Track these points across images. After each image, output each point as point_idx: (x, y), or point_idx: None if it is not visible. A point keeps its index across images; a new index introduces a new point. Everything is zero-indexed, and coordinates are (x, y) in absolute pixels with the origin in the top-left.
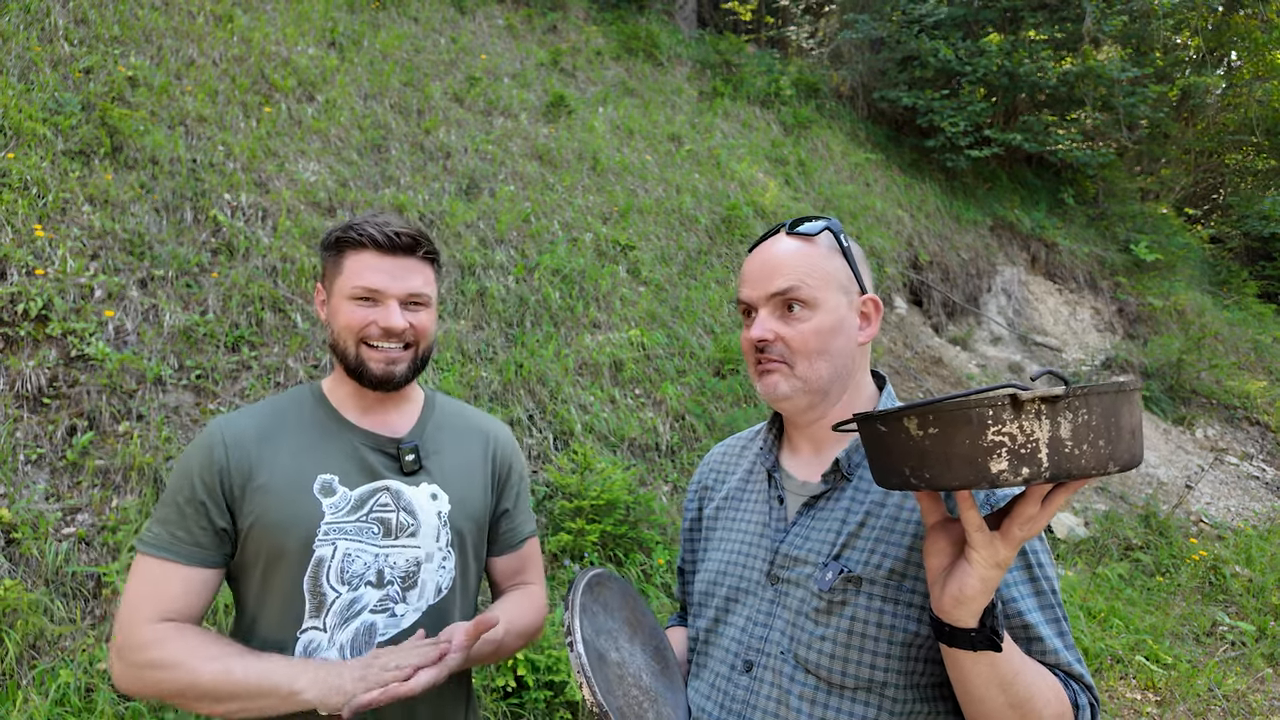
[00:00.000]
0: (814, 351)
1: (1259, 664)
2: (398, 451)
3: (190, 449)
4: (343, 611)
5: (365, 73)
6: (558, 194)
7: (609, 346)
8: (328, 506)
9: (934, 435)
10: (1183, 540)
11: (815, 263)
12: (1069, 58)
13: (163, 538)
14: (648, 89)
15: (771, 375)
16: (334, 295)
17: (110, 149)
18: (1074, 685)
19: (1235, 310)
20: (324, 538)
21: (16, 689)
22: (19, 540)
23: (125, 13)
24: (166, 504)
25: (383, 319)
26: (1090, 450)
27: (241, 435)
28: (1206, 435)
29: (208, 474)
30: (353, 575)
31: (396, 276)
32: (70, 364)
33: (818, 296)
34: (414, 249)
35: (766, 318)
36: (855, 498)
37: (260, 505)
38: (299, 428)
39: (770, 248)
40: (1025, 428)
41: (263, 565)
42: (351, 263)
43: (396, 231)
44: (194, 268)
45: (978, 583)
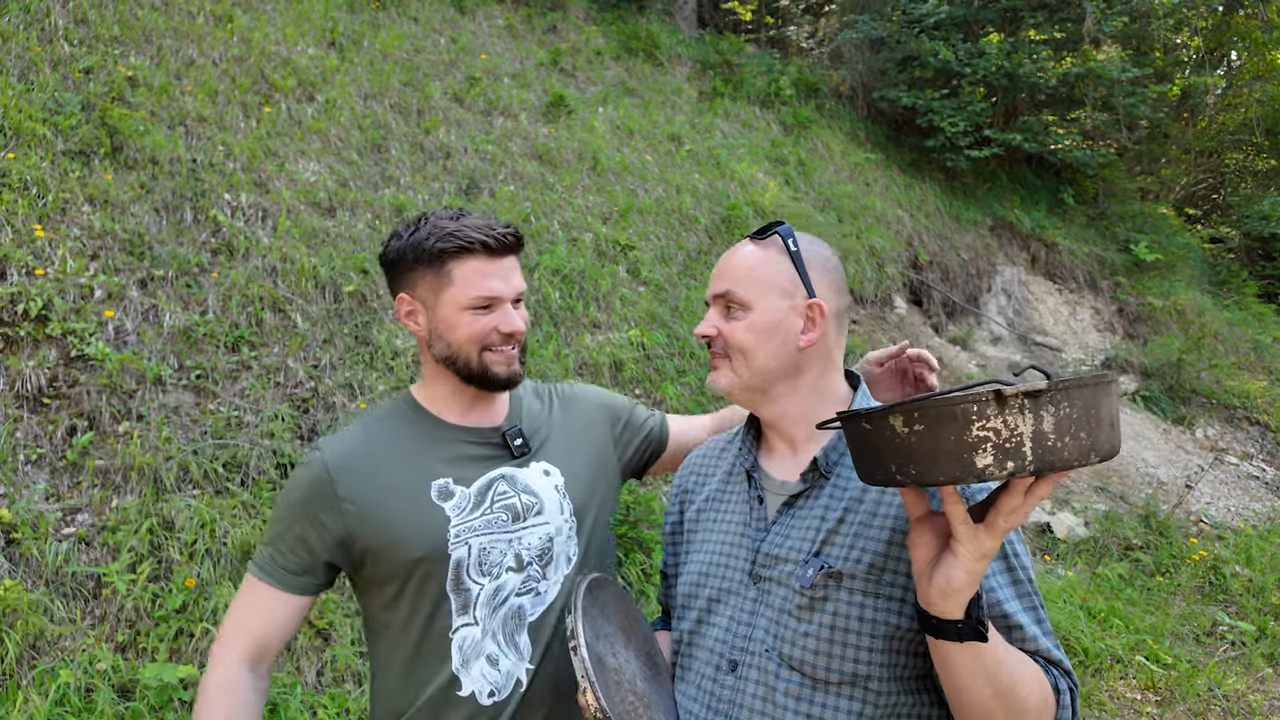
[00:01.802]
0: (746, 349)
1: (1259, 664)
2: (504, 439)
3: (299, 471)
4: (489, 601)
5: (365, 73)
6: (557, 194)
7: (609, 346)
8: (450, 509)
9: (919, 432)
10: (1183, 540)
11: (756, 266)
12: (1069, 58)
13: (263, 560)
14: (648, 89)
15: (714, 370)
16: (443, 306)
17: (110, 149)
18: (1054, 671)
19: (1235, 310)
20: (456, 540)
21: (16, 689)
22: (19, 540)
23: (125, 13)
24: (276, 526)
25: (504, 324)
26: (1072, 442)
27: (347, 460)
28: (1206, 435)
29: (314, 506)
30: (492, 565)
31: (507, 278)
32: (70, 364)
33: (750, 299)
34: (518, 247)
35: (713, 315)
36: (834, 495)
37: (381, 526)
38: (402, 440)
39: (731, 250)
40: (1009, 423)
41: (399, 581)
42: (462, 271)
43: (504, 234)
44: (194, 268)
45: (964, 575)
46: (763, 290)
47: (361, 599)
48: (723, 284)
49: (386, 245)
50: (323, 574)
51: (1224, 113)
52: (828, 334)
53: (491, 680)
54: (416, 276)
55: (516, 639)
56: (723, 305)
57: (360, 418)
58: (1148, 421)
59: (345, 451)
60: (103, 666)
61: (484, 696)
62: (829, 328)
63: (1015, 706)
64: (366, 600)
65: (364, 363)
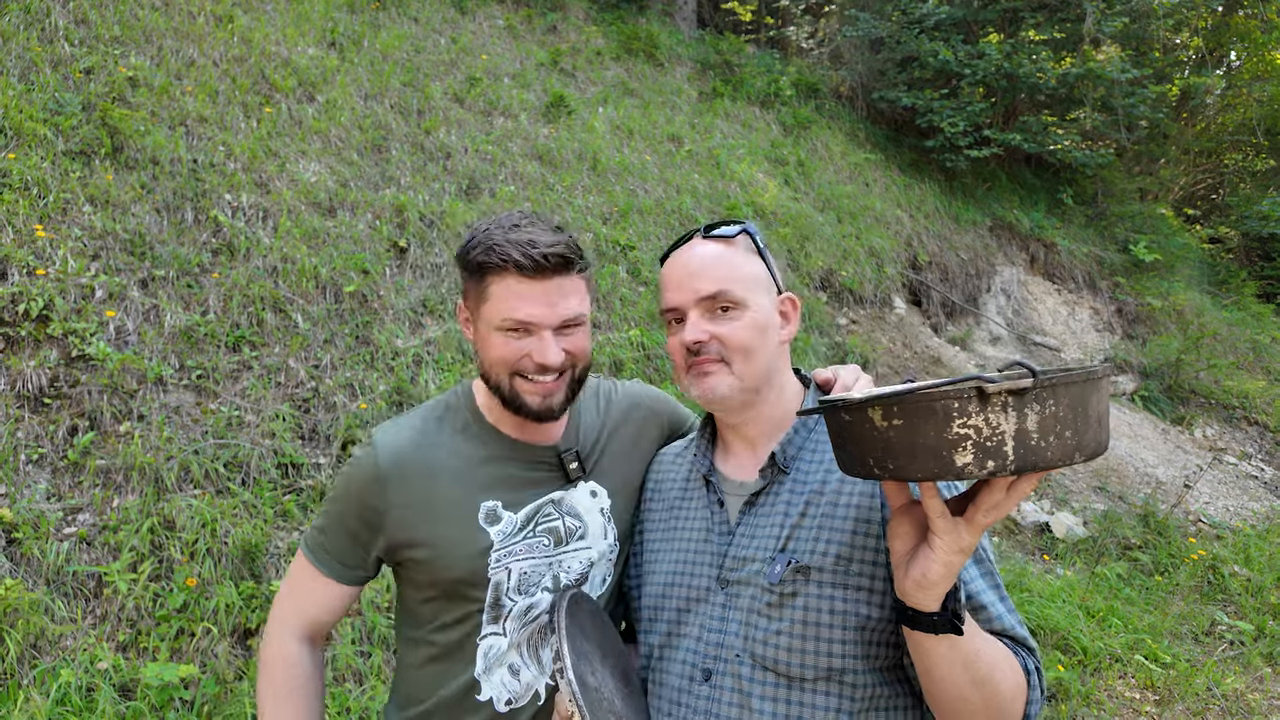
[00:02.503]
0: (750, 348)
1: (1257, 663)
2: (559, 460)
3: (352, 463)
4: (521, 616)
5: (365, 73)
6: (557, 194)
7: (609, 346)
8: (495, 534)
9: (899, 426)
10: (1181, 540)
11: (741, 265)
12: (1069, 58)
13: (316, 545)
14: (647, 89)
15: (709, 377)
16: (480, 323)
17: (111, 149)
18: (1021, 652)
19: (1234, 310)
20: (496, 565)
21: (18, 688)
22: (20, 540)
23: (125, 13)
24: (329, 514)
25: (538, 353)
26: (1056, 442)
27: (402, 459)
28: (1205, 435)
29: (365, 496)
30: (529, 585)
31: (549, 304)
32: (71, 364)
33: (747, 297)
34: (567, 268)
35: (699, 320)
36: (794, 489)
37: (425, 540)
38: (457, 446)
39: (690, 251)
40: (991, 421)
41: (436, 592)
42: (498, 289)
43: (545, 254)
44: (195, 268)
45: (941, 568)
46: (753, 288)
47: (399, 585)
48: (710, 285)
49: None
50: (373, 567)
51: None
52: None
53: (511, 689)
54: (466, 285)
55: (541, 653)
56: (708, 308)
57: (420, 410)
58: (1146, 421)
59: (401, 454)
60: (104, 666)
61: (501, 704)
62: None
63: (990, 694)
64: (404, 589)
65: (364, 363)
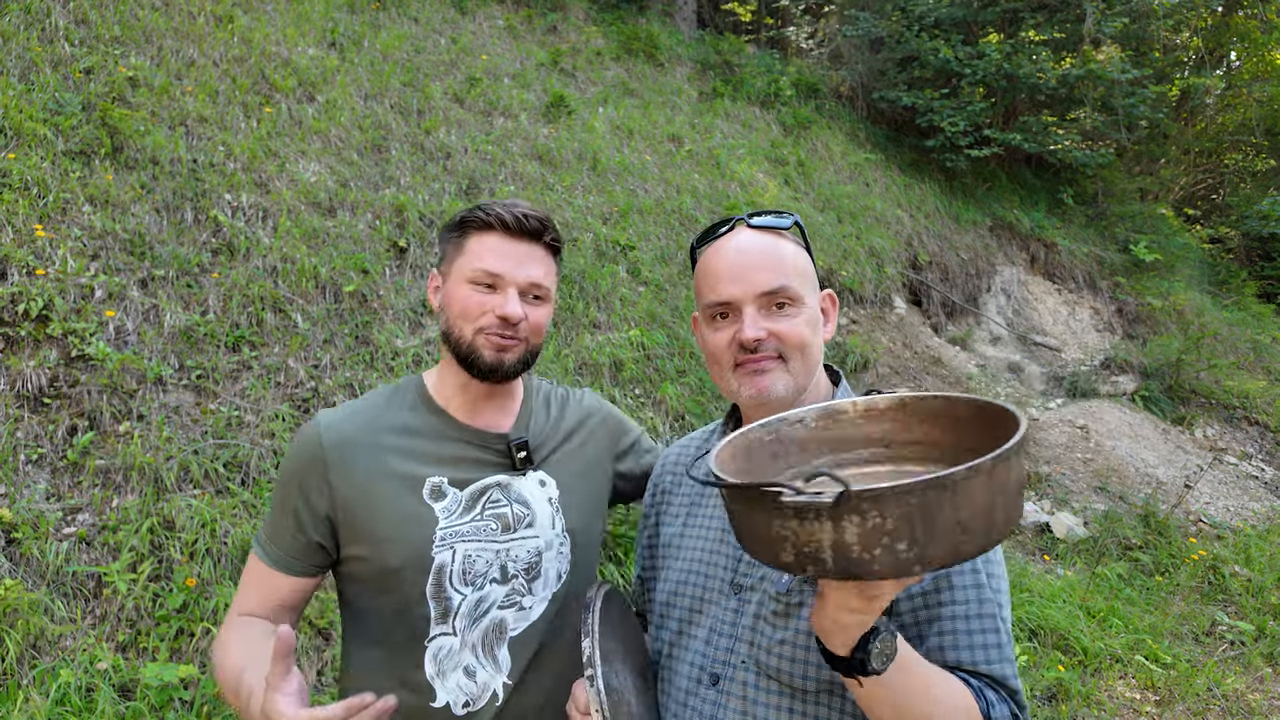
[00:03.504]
0: (807, 346)
1: (1258, 663)
2: (508, 449)
3: (293, 448)
4: (470, 612)
5: (365, 73)
6: (558, 194)
7: (609, 346)
8: (440, 511)
9: (736, 511)
10: (1182, 540)
11: (793, 258)
12: (1069, 58)
13: (266, 539)
14: (648, 89)
15: (764, 376)
16: (451, 279)
17: (111, 149)
18: (995, 699)
19: (1234, 310)
20: (441, 543)
21: (17, 689)
22: (20, 540)
23: (126, 13)
24: (273, 501)
25: (500, 306)
26: (886, 555)
27: (345, 440)
28: (1205, 435)
29: (306, 481)
30: (476, 575)
31: (520, 262)
32: (71, 364)
33: (802, 293)
34: (540, 234)
35: (756, 316)
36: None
37: (368, 517)
38: (405, 428)
39: (743, 242)
40: (806, 528)
41: (379, 576)
42: (474, 244)
43: (525, 214)
44: (194, 268)
45: (828, 623)
46: (808, 284)
47: (340, 584)
48: (772, 279)
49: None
50: (319, 555)
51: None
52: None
53: (467, 691)
54: (445, 249)
55: (496, 652)
56: (765, 303)
57: (368, 395)
58: (1147, 421)
59: (343, 430)
60: (103, 666)
61: (458, 707)
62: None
63: None
64: (344, 586)
65: (364, 362)
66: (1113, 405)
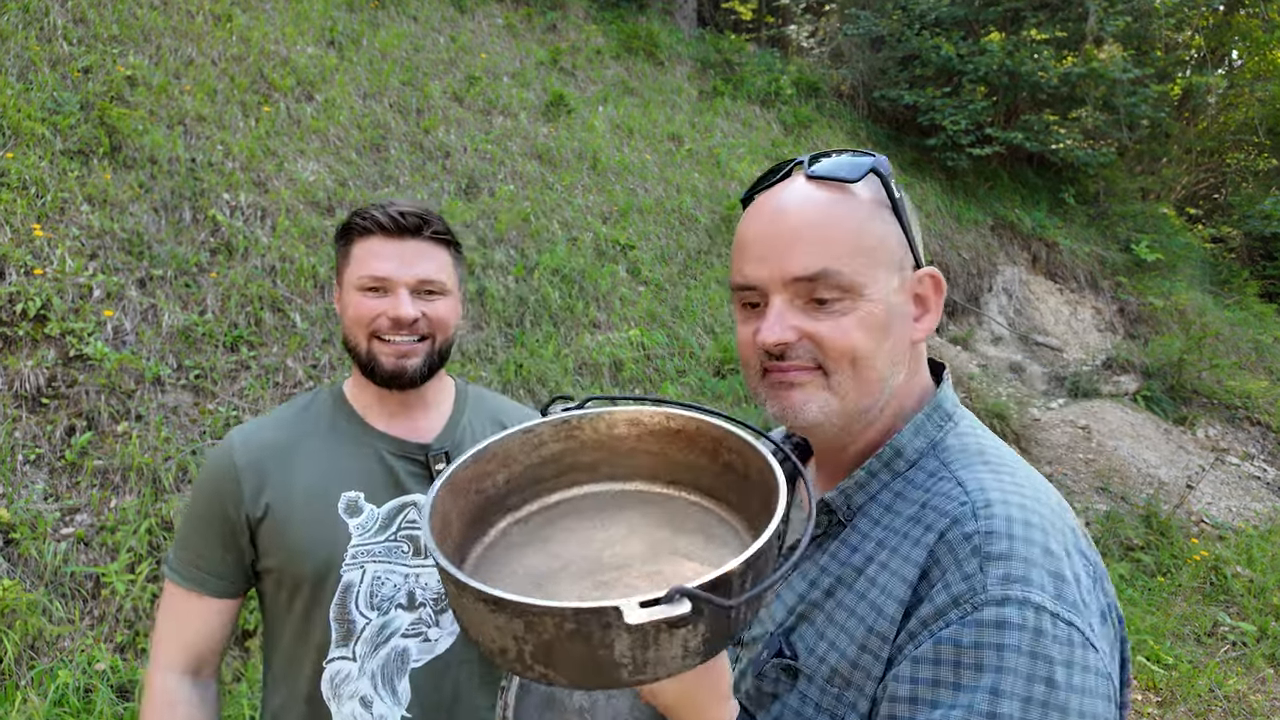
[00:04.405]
0: (861, 356)
1: (1260, 664)
2: (427, 459)
3: (207, 465)
4: (373, 639)
5: (364, 72)
6: (557, 193)
7: (609, 346)
8: (354, 528)
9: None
10: (1184, 540)
11: (856, 229)
12: (1070, 57)
13: (182, 563)
14: (648, 88)
15: (793, 391)
16: (344, 288)
17: (109, 148)
18: None
19: (1236, 310)
20: (351, 561)
21: (15, 689)
22: (18, 540)
23: (124, 12)
24: (186, 524)
25: (391, 309)
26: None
27: (259, 451)
28: (1207, 435)
29: (223, 495)
30: (383, 599)
31: (405, 262)
32: (69, 364)
33: (862, 281)
34: (420, 230)
35: (785, 310)
36: (839, 554)
37: (281, 529)
38: (320, 438)
39: (789, 200)
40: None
41: (286, 592)
42: (359, 250)
43: (401, 211)
44: (193, 267)
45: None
46: (875, 264)
47: (261, 598)
48: (809, 260)
49: None
50: (242, 570)
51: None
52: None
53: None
54: (338, 260)
55: (396, 683)
56: (799, 293)
57: (282, 406)
58: (1149, 421)
59: (256, 443)
60: (101, 667)
61: None
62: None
63: None
64: (261, 601)
65: None
66: (1114, 405)
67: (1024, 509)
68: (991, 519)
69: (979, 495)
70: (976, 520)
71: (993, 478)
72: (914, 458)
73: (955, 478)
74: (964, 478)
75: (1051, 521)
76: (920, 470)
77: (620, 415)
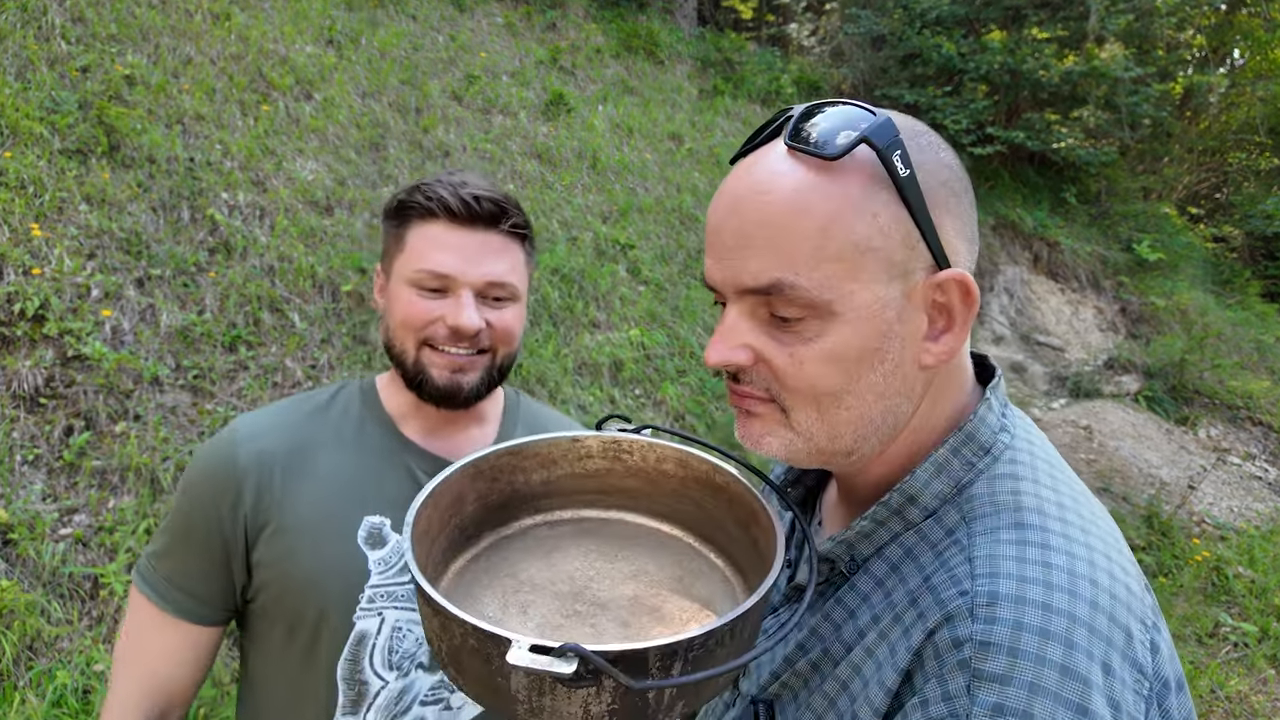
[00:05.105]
0: (825, 395)
1: (1262, 665)
2: None
3: (202, 459)
4: (389, 707)
5: (363, 71)
6: (557, 193)
7: (609, 346)
8: (375, 562)
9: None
10: (1185, 541)
11: (827, 226)
12: (1072, 55)
13: (160, 576)
14: (648, 87)
15: (752, 422)
16: (393, 279)
17: (107, 148)
18: None
19: (1238, 310)
20: (368, 606)
21: (13, 690)
22: (16, 541)
23: (122, 11)
24: (169, 529)
25: (452, 315)
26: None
27: (267, 452)
28: (1209, 435)
29: (219, 499)
30: (403, 656)
31: (473, 258)
32: (67, 364)
33: (830, 297)
34: (498, 219)
35: (738, 324)
36: (833, 615)
37: (285, 553)
38: (344, 445)
39: (749, 182)
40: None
41: (280, 635)
42: (416, 238)
43: (476, 195)
44: (191, 267)
45: None
46: (856, 272)
47: (243, 633)
48: (766, 266)
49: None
50: (233, 594)
51: (1227, 111)
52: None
53: None
54: (386, 243)
55: None
56: (753, 307)
57: (299, 397)
58: (1150, 422)
59: (265, 439)
60: (100, 668)
61: None
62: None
63: None
64: (245, 639)
65: (362, 362)
66: (1116, 405)
67: (1045, 609)
68: (993, 623)
69: (984, 585)
70: (973, 621)
71: (1015, 554)
72: (932, 506)
73: (967, 549)
74: (977, 553)
75: (1090, 624)
76: (938, 524)
77: (670, 452)
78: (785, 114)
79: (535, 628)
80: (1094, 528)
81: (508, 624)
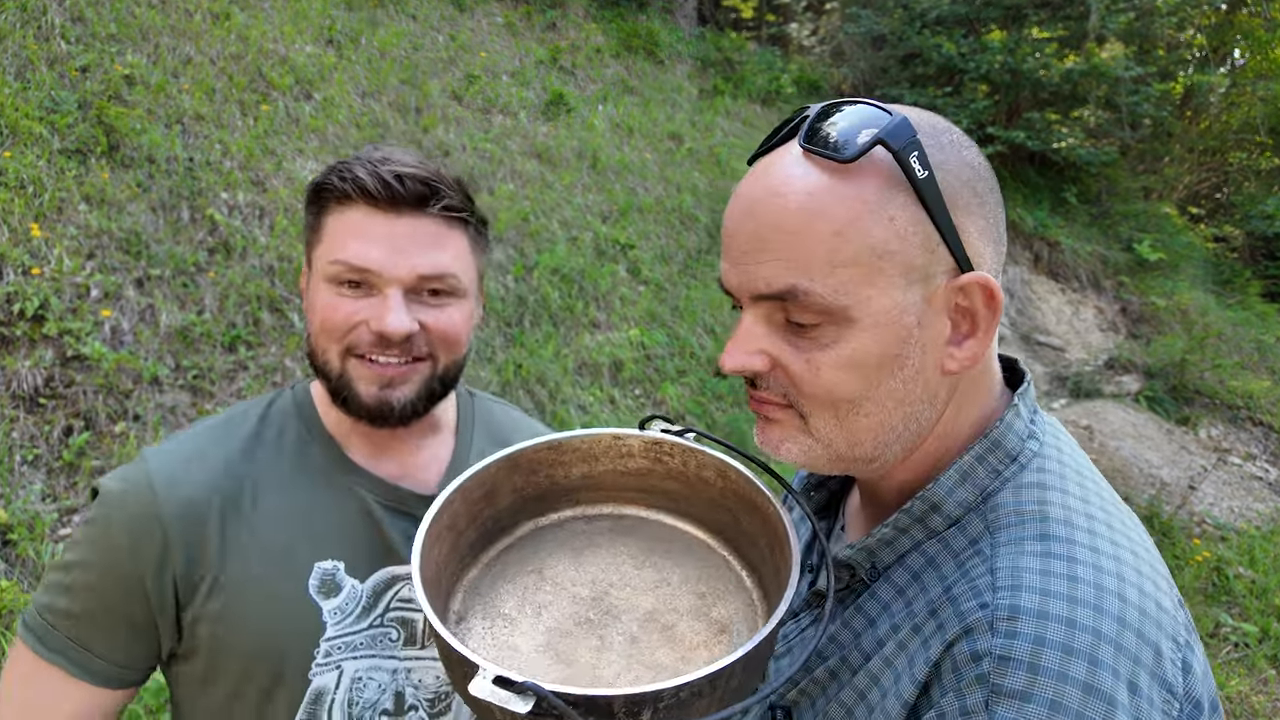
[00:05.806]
0: (843, 402)
1: (1262, 666)
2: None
3: (110, 507)
4: None
5: (363, 70)
6: (557, 193)
7: (609, 346)
8: (330, 613)
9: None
10: (1186, 541)
11: (843, 230)
12: (1072, 55)
13: (59, 637)
14: (648, 87)
15: (771, 428)
16: (313, 275)
17: (107, 148)
18: None
19: (1239, 310)
20: (324, 661)
21: None
22: (15, 541)
23: (122, 10)
24: (74, 588)
25: (376, 316)
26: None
27: (196, 500)
28: (1210, 435)
29: (139, 559)
30: (364, 707)
31: (401, 249)
32: (66, 364)
33: (847, 302)
34: (425, 201)
35: (754, 329)
36: (853, 622)
37: (225, 614)
38: (283, 480)
39: (765, 184)
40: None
41: (222, 697)
42: (334, 223)
43: (398, 173)
44: (191, 267)
45: None
46: (873, 277)
47: (174, 688)
48: (781, 272)
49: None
50: (154, 654)
51: (1227, 111)
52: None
53: None
54: (306, 231)
55: None
56: (768, 313)
57: (220, 418)
58: (1151, 422)
59: (191, 487)
60: None
61: None
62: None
63: None
64: (181, 693)
65: None
66: (1117, 405)
67: (1069, 625)
68: (1014, 637)
69: (1005, 598)
70: (992, 635)
71: (1039, 566)
72: (956, 514)
73: (990, 560)
74: (1000, 564)
75: (1117, 641)
76: (962, 533)
77: (710, 460)
78: (802, 113)
79: (545, 631)
80: (1125, 540)
81: (520, 624)
